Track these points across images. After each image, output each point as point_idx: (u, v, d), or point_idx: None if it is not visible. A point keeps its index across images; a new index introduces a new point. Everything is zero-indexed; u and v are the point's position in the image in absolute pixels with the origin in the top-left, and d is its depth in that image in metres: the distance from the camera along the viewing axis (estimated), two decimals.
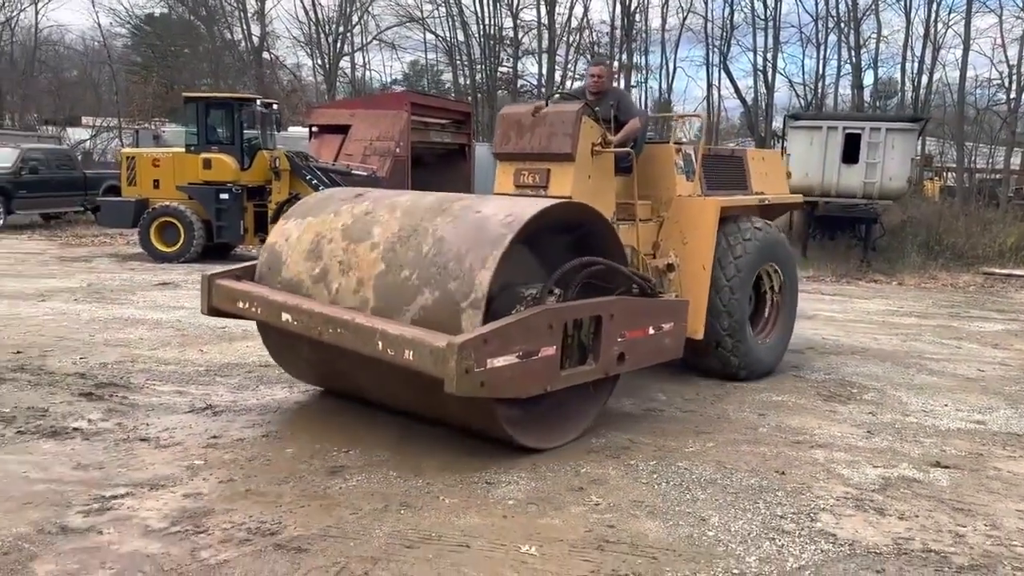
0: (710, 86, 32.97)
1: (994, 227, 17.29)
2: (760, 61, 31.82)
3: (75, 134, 30.95)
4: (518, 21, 33.81)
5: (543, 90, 30.68)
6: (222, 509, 3.71)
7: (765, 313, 6.86)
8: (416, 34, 43.26)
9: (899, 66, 30.91)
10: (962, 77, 25.94)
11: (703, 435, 5.05)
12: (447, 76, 39.31)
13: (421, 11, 35.03)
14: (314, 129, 15.95)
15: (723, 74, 32.19)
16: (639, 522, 3.74)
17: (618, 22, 32.43)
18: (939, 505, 4.08)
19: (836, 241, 16.96)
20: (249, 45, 34.65)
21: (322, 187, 12.19)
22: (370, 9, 35.01)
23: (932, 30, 28.82)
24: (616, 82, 26.38)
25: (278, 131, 14.89)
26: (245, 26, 34.65)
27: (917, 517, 3.92)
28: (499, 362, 3.94)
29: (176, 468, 4.19)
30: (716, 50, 32.10)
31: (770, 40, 31.41)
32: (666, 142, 6.61)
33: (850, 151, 15.64)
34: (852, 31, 29.91)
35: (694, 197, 6.36)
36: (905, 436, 5.22)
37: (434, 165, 16.60)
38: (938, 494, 4.23)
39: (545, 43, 32.41)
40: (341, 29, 34.59)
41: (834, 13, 30.64)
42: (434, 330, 4.04)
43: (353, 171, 13.69)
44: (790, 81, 33.74)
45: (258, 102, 14.06)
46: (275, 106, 14.92)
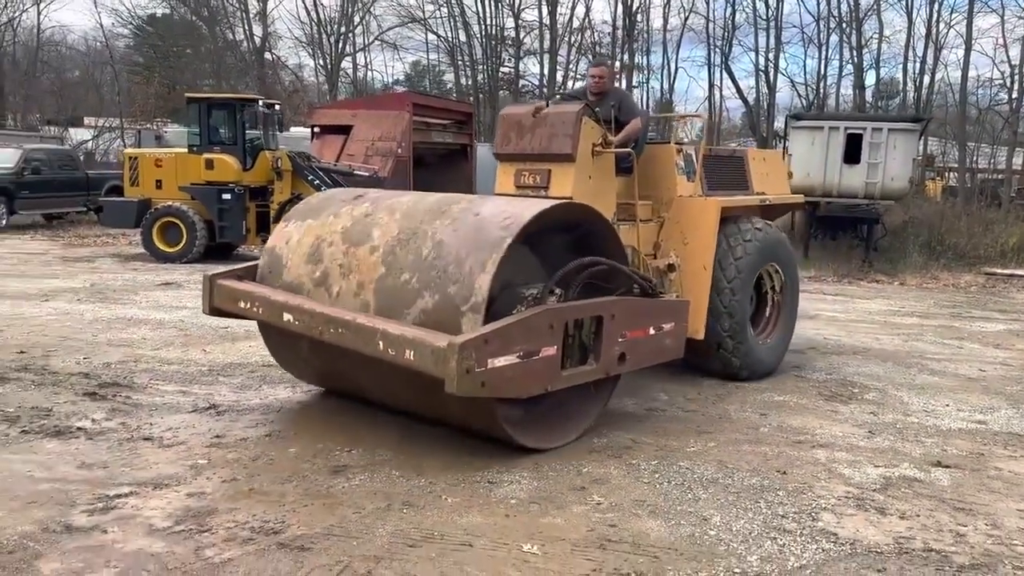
0: (711, 86, 33.06)
1: (996, 227, 17.26)
2: (762, 61, 31.92)
3: (77, 134, 30.91)
4: (520, 21, 33.90)
5: (545, 90, 30.72)
6: (226, 508, 3.72)
7: (766, 313, 6.86)
8: (418, 34, 43.42)
9: (901, 66, 31.00)
10: (964, 77, 25.99)
11: (705, 435, 5.06)
12: (449, 76, 39.45)
13: (423, 11, 35.13)
14: (316, 129, 15.95)
15: (725, 74, 32.30)
16: (641, 521, 3.75)
17: (619, 22, 32.51)
18: (940, 505, 4.09)
19: (838, 241, 16.95)
20: (251, 45, 34.70)
21: (324, 187, 12.21)
22: (372, 9, 35.15)
23: (934, 30, 28.88)
24: (617, 82, 26.38)
25: (280, 131, 14.91)
26: (247, 26, 34.77)
27: (918, 516, 3.93)
28: (500, 362, 3.94)
29: (180, 467, 4.21)
30: (718, 50, 32.21)
31: (772, 40, 31.50)
32: (667, 142, 6.62)
33: (852, 151, 15.62)
34: (854, 31, 29.94)
35: (695, 197, 6.37)
36: (906, 436, 5.23)
37: (436, 165, 16.60)
38: (939, 494, 4.24)
39: (547, 43, 32.48)
40: (343, 29, 34.65)
41: (836, 13, 30.73)
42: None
43: (355, 171, 13.70)
44: (792, 81, 33.89)
45: (260, 102, 14.06)
46: (277, 106, 14.92)
